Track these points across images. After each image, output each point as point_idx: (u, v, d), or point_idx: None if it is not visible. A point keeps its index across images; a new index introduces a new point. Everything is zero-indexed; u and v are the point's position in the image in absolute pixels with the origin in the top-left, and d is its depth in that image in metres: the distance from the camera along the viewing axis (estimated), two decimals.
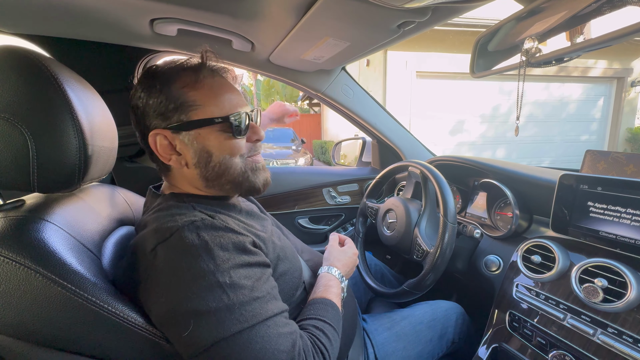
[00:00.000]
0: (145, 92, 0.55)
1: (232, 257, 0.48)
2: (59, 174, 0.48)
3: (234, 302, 0.45)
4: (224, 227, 0.50)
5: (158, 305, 0.46)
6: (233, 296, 0.45)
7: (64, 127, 0.47)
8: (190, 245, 0.45)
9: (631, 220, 0.62)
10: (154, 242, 0.47)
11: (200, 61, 0.58)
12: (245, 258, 0.49)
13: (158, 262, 0.46)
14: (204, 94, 0.55)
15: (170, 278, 0.45)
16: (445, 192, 0.83)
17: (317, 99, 1.32)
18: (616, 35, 0.40)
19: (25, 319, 0.42)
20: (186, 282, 0.44)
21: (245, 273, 0.48)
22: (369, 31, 0.75)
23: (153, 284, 0.46)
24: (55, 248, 0.44)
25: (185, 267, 0.45)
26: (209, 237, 0.47)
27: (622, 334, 0.57)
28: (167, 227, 0.48)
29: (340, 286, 0.68)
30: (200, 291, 0.44)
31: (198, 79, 0.55)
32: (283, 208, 1.39)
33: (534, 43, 0.49)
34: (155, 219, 0.52)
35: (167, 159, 0.57)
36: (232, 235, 0.50)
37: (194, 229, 0.47)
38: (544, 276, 0.71)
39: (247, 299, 0.46)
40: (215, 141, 0.56)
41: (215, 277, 0.45)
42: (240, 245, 0.50)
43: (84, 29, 0.86)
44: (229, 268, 0.46)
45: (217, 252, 0.46)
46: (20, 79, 0.45)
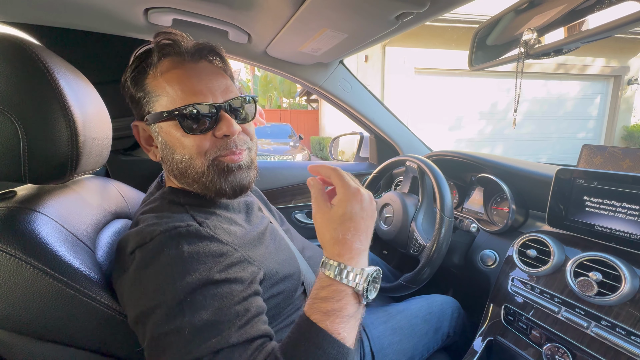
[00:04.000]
0: (128, 81, 0.55)
1: (205, 271, 0.43)
2: (51, 165, 0.47)
3: (185, 325, 0.39)
4: (209, 237, 0.47)
5: (127, 309, 0.44)
6: (188, 317, 0.39)
7: (56, 117, 0.46)
8: (164, 255, 0.43)
9: (626, 214, 0.62)
10: (133, 245, 0.45)
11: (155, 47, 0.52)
12: (220, 274, 0.44)
13: (133, 265, 0.44)
14: (162, 83, 0.51)
15: (138, 285, 0.43)
16: (442, 186, 0.83)
17: (315, 93, 1.31)
18: (615, 25, 0.40)
19: (16, 311, 0.42)
20: (149, 295, 0.41)
21: (213, 291, 0.42)
22: (367, 22, 0.74)
23: (126, 286, 0.44)
24: (47, 239, 0.43)
25: (153, 277, 0.42)
26: (187, 247, 0.44)
27: (615, 327, 0.57)
28: (148, 231, 0.46)
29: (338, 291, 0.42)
30: (157, 308, 0.40)
31: (156, 67, 0.51)
32: (280, 203, 1.38)
33: (533, 34, 0.49)
34: (144, 219, 0.51)
35: (147, 150, 0.57)
36: (215, 246, 0.46)
37: (175, 236, 0.45)
38: (540, 270, 0.71)
39: (202, 323, 0.39)
40: (173, 137, 0.52)
41: (176, 293, 0.40)
42: (221, 258, 0.46)
43: (77, 18, 0.84)
44: (196, 284, 0.41)
45: (190, 264, 0.43)
46: (10, 67, 0.43)
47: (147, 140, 0.57)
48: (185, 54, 0.53)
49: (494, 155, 1.05)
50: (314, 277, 0.69)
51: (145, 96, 0.53)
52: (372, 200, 0.46)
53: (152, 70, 0.52)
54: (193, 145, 0.51)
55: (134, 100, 0.55)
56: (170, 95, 0.51)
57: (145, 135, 0.56)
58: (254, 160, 0.59)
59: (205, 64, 0.55)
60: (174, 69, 0.52)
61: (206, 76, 0.53)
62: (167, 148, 0.53)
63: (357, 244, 0.44)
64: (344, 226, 0.43)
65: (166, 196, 0.56)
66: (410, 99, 5.89)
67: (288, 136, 7.93)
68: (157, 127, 0.53)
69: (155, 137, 0.54)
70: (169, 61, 0.52)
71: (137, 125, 0.56)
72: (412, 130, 1.45)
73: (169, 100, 0.51)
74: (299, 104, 15.15)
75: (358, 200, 0.44)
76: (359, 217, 0.44)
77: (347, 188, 0.45)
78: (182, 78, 0.51)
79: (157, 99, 0.52)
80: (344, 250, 0.43)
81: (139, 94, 0.53)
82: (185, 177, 0.53)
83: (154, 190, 0.61)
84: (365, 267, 0.43)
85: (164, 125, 0.52)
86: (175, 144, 0.52)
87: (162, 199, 0.55)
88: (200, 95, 0.51)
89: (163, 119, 0.51)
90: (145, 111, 0.53)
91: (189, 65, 0.53)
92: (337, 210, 0.44)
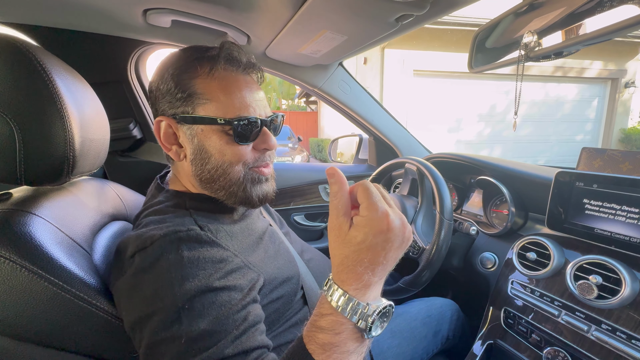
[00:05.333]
0: (159, 76, 0.54)
1: (205, 277, 0.43)
2: (47, 167, 0.47)
3: (182, 333, 0.39)
4: (209, 241, 0.47)
5: (123, 314, 0.44)
6: (185, 326, 0.39)
7: (52, 118, 0.45)
8: (163, 260, 0.43)
9: (626, 217, 0.62)
10: (133, 249, 0.45)
11: (216, 53, 0.53)
12: (220, 281, 0.44)
13: (132, 269, 0.44)
14: (214, 88, 0.52)
15: (136, 290, 0.42)
16: (441, 188, 0.83)
17: (314, 95, 1.31)
18: (615, 28, 0.40)
19: (10, 315, 0.41)
20: (146, 301, 0.41)
21: (212, 299, 0.42)
22: (367, 24, 0.74)
23: (124, 291, 0.44)
24: (43, 242, 0.43)
25: (151, 282, 0.42)
26: (187, 252, 0.44)
27: (615, 330, 0.57)
28: (149, 235, 0.45)
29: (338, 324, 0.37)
30: (154, 314, 0.40)
31: (212, 72, 0.52)
32: (279, 205, 1.38)
33: (533, 37, 0.49)
34: (147, 222, 0.50)
35: (167, 148, 0.56)
36: (215, 252, 0.46)
37: (175, 240, 0.44)
38: (539, 273, 0.71)
39: (198, 333, 0.39)
40: (216, 143, 0.52)
41: (174, 300, 0.40)
42: (221, 264, 0.46)
43: (75, 19, 0.84)
44: (195, 291, 0.41)
45: (189, 270, 0.42)
46: (6, 67, 0.43)
47: (168, 137, 0.55)
48: (240, 66, 0.55)
49: (493, 157, 1.05)
50: (314, 280, 0.68)
51: (189, 96, 0.52)
52: (404, 227, 0.38)
53: (205, 72, 0.52)
54: (235, 155, 0.53)
55: (169, 95, 0.53)
56: (221, 102, 0.51)
57: (169, 132, 0.55)
58: (273, 172, 0.62)
59: (251, 78, 0.57)
60: (230, 78, 0.53)
61: (254, 90, 0.55)
62: (203, 152, 0.53)
63: (369, 276, 0.37)
64: (357, 256, 0.36)
65: (171, 199, 0.55)
66: (409, 101, 5.91)
67: (287, 138, 7.92)
68: (194, 129, 0.52)
69: (189, 139, 0.53)
70: (224, 69, 0.53)
71: (161, 120, 0.54)
72: (411, 132, 1.45)
73: (218, 107, 0.51)
74: (298, 105, 15.17)
75: (383, 229, 0.36)
76: (379, 248, 0.36)
77: (374, 211, 0.36)
78: (236, 89, 0.53)
79: (204, 102, 0.51)
80: (351, 280, 0.37)
81: (179, 92, 0.52)
82: (214, 183, 0.54)
83: (155, 192, 0.60)
84: (373, 301, 0.37)
85: (207, 130, 0.52)
86: (214, 150, 0.52)
87: (166, 202, 0.55)
88: (250, 108, 0.53)
89: (209, 123, 0.51)
90: (181, 110, 0.52)
91: (242, 78, 0.54)
92: (355, 235, 0.36)
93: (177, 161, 0.56)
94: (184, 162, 0.56)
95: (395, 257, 0.38)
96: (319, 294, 0.43)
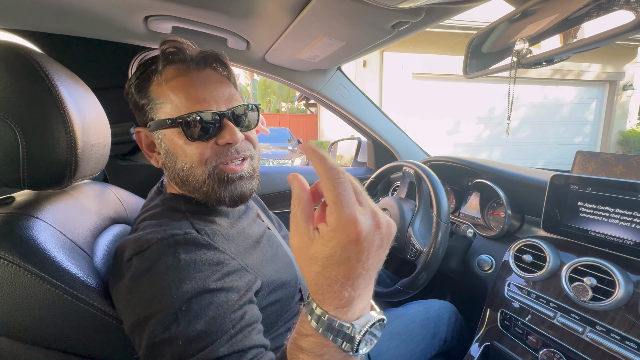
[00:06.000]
0: (126, 90, 0.56)
1: (202, 279, 0.43)
2: (50, 171, 0.48)
3: (179, 335, 0.39)
4: (206, 245, 0.47)
5: (123, 316, 0.44)
6: (183, 327, 0.39)
7: (55, 123, 0.46)
8: (161, 263, 0.43)
9: (620, 220, 0.63)
10: (131, 252, 0.45)
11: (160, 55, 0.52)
12: (217, 282, 0.44)
13: (130, 273, 0.44)
14: (166, 90, 0.51)
15: (134, 293, 0.43)
16: (438, 191, 0.84)
17: (313, 99, 1.32)
18: (605, 36, 0.41)
19: (13, 317, 0.42)
20: (144, 303, 0.42)
21: (209, 300, 0.42)
22: (364, 31, 0.75)
23: (122, 294, 0.45)
24: (45, 245, 0.43)
25: (149, 285, 0.42)
26: (184, 255, 0.44)
27: (610, 332, 0.57)
28: (146, 238, 0.46)
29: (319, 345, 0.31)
30: (152, 316, 0.40)
31: (161, 74, 0.52)
32: (278, 207, 1.38)
33: (524, 44, 0.50)
34: (144, 226, 0.51)
35: (149, 156, 0.58)
36: (212, 254, 0.47)
37: (172, 244, 0.45)
38: (535, 275, 0.71)
39: (196, 334, 0.39)
40: (175, 144, 0.52)
41: (171, 302, 0.40)
42: (218, 266, 0.46)
43: (77, 25, 0.85)
44: (192, 293, 0.41)
45: (186, 272, 0.43)
46: (10, 73, 0.44)
47: (149, 146, 0.58)
48: (190, 62, 0.53)
49: (490, 160, 1.06)
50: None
51: (149, 103, 0.53)
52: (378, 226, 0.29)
53: (156, 77, 0.52)
54: (195, 154, 0.51)
55: (137, 106, 0.55)
56: (174, 102, 0.51)
57: (148, 141, 0.57)
58: (256, 169, 0.59)
59: (209, 72, 0.55)
60: (179, 76, 0.52)
61: (211, 84, 0.53)
62: (170, 155, 0.53)
63: (349, 292, 0.29)
64: (329, 273, 0.29)
65: (167, 202, 0.56)
66: (408, 103, 5.93)
67: (286, 140, 7.94)
68: (160, 134, 0.53)
69: (158, 144, 0.55)
70: (174, 69, 0.52)
71: (139, 131, 0.57)
72: (410, 136, 1.46)
73: (173, 108, 0.51)
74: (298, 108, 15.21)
75: (352, 239, 0.27)
76: (353, 260, 0.28)
77: (339, 218, 0.27)
78: (187, 86, 0.51)
79: (161, 106, 0.52)
80: (330, 299, 0.30)
81: (142, 101, 0.54)
82: (186, 185, 0.54)
83: (154, 196, 0.61)
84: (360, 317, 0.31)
85: (167, 133, 0.52)
86: (178, 152, 0.52)
87: (163, 206, 0.56)
88: (204, 103, 0.51)
89: (167, 126, 0.51)
90: (148, 118, 0.54)
91: (193, 73, 0.53)
92: (320, 250, 0.29)
93: (157, 167, 0.58)
94: (163, 168, 0.57)
95: (378, 261, 0.31)
96: None
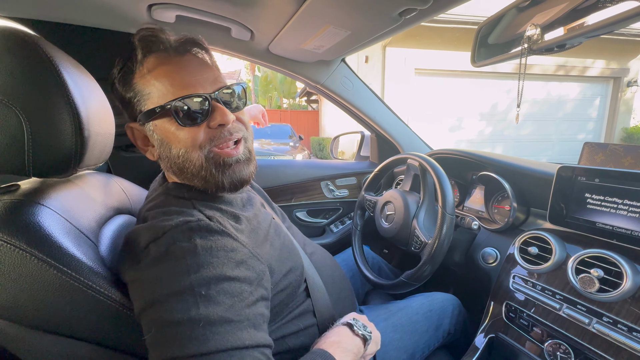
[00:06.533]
0: (113, 87, 0.56)
1: (219, 265, 0.44)
2: (55, 159, 0.47)
3: (201, 317, 0.39)
4: (220, 231, 0.47)
5: (136, 300, 0.44)
6: (203, 310, 0.40)
7: (60, 110, 0.46)
8: (178, 248, 0.44)
9: (628, 211, 0.62)
10: (147, 240, 0.46)
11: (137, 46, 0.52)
12: (232, 270, 0.45)
13: (148, 259, 0.44)
14: (150, 80, 0.51)
15: (151, 278, 0.43)
16: (443, 183, 0.83)
17: (316, 91, 1.31)
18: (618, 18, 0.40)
19: (20, 302, 0.42)
20: (163, 285, 0.42)
21: (227, 287, 0.43)
22: (370, 19, 0.74)
23: (138, 280, 0.45)
24: (51, 231, 0.43)
25: (167, 268, 0.43)
26: (200, 241, 0.44)
27: (617, 323, 0.57)
28: (160, 225, 0.46)
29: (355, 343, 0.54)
30: (170, 297, 0.41)
31: (142, 64, 0.51)
32: (281, 201, 1.38)
33: (536, 30, 0.49)
34: (153, 215, 0.51)
35: (144, 150, 0.58)
36: (226, 241, 0.47)
37: (187, 230, 0.45)
38: (541, 267, 0.71)
39: (217, 318, 0.40)
40: (168, 131, 0.52)
41: (191, 285, 0.41)
42: (232, 253, 0.46)
43: (80, 14, 0.84)
44: (210, 278, 0.42)
45: (203, 257, 0.43)
46: (15, 60, 0.43)
47: (142, 140, 0.57)
48: (169, 49, 0.52)
49: (495, 153, 1.05)
50: (316, 273, 0.69)
51: (135, 96, 0.52)
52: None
53: (138, 68, 0.51)
54: (188, 138, 0.51)
55: (124, 101, 0.54)
56: (160, 91, 0.50)
57: (141, 135, 0.56)
58: (252, 152, 0.59)
59: (190, 57, 0.54)
60: (161, 64, 0.51)
61: (193, 69, 0.52)
62: (164, 144, 0.53)
63: None
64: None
65: (170, 191, 0.56)
66: (410, 99, 5.91)
67: (288, 136, 7.93)
68: (151, 125, 0.53)
69: (151, 136, 0.54)
70: (155, 57, 0.52)
71: (131, 127, 0.56)
72: (413, 129, 1.45)
73: (159, 97, 0.50)
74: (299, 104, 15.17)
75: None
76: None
77: None
78: (170, 73, 0.51)
79: (147, 97, 0.51)
80: None
81: (128, 95, 0.53)
82: (184, 173, 0.54)
83: (157, 186, 0.61)
84: None
85: (158, 122, 0.52)
86: (171, 139, 0.52)
87: (166, 195, 0.55)
88: (190, 87, 0.50)
89: (156, 115, 0.51)
90: (137, 111, 0.53)
91: (175, 60, 0.52)
92: None
93: (154, 160, 0.58)
94: (159, 161, 0.57)
95: None
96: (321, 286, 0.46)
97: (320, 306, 0.64)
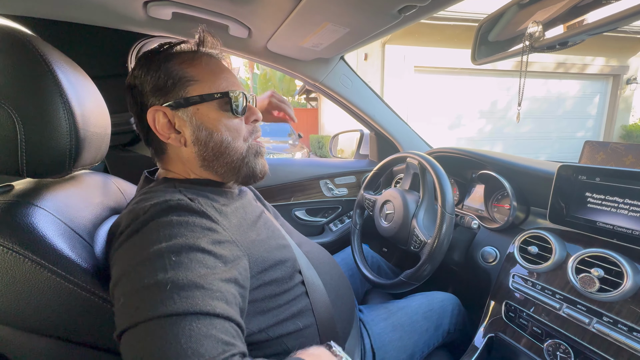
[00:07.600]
0: (143, 70, 0.55)
1: (193, 238, 0.42)
2: (49, 159, 0.47)
3: (168, 280, 0.37)
4: (199, 211, 0.47)
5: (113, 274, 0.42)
6: (171, 274, 0.37)
7: (54, 110, 0.45)
8: (153, 222, 0.43)
9: (629, 210, 0.62)
10: (128, 221, 0.45)
11: (197, 40, 0.59)
12: (208, 245, 0.43)
13: (124, 236, 0.44)
14: (201, 70, 0.56)
15: (124, 252, 0.42)
16: (443, 182, 0.83)
17: (315, 89, 1.30)
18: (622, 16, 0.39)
19: (14, 305, 0.41)
20: (135, 256, 0.40)
21: (200, 258, 0.41)
22: (370, 16, 0.73)
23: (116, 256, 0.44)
24: (45, 233, 0.43)
25: (140, 240, 0.42)
26: (177, 217, 0.44)
27: (617, 323, 0.57)
28: (140, 207, 0.46)
29: None
30: (139, 265, 0.39)
31: (195, 57, 0.57)
32: (279, 200, 1.38)
33: (537, 27, 0.48)
34: (137, 201, 0.50)
35: (165, 137, 0.56)
36: (205, 221, 0.46)
37: (165, 207, 0.45)
38: (541, 267, 0.71)
39: (187, 282, 0.37)
40: (215, 119, 0.56)
41: (160, 252, 0.39)
42: (209, 232, 0.45)
43: (75, 11, 0.83)
44: (182, 246, 0.40)
45: (177, 229, 0.42)
46: (7, 58, 0.43)
47: (164, 126, 0.56)
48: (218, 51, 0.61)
49: (495, 152, 1.05)
50: (315, 273, 0.68)
51: (179, 81, 0.54)
52: None
53: (189, 57, 0.56)
54: (235, 128, 0.57)
55: (156, 85, 0.55)
56: (210, 81, 0.56)
57: (164, 121, 0.55)
58: None
59: (227, 63, 0.63)
60: (212, 61, 0.59)
61: (231, 73, 0.61)
62: (204, 130, 0.55)
63: None
64: None
65: (160, 183, 0.57)
66: (410, 97, 5.89)
67: (287, 134, 7.90)
68: (189, 111, 0.55)
69: (188, 121, 0.55)
70: (206, 55, 0.59)
71: (157, 110, 0.55)
72: (412, 127, 1.45)
73: (209, 86, 0.55)
74: (298, 102, 15.13)
75: None
76: None
77: None
78: (220, 70, 0.58)
79: (194, 84, 0.55)
80: None
81: (169, 80, 0.54)
82: (218, 160, 0.57)
83: (144, 183, 0.61)
84: None
85: (203, 108, 0.55)
86: (216, 126, 0.56)
87: (156, 187, 0.55)
88: (236, 85, 0.59)
89: (208, 100, 0.55)
90: (173, 96, 0.54)
91: (220, 61, 0.60)
92: None
93: (177, 148, 0.57)
94: (182, 148, 0.57)
95: None
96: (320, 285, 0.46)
97: (318, 305, 0.64)
